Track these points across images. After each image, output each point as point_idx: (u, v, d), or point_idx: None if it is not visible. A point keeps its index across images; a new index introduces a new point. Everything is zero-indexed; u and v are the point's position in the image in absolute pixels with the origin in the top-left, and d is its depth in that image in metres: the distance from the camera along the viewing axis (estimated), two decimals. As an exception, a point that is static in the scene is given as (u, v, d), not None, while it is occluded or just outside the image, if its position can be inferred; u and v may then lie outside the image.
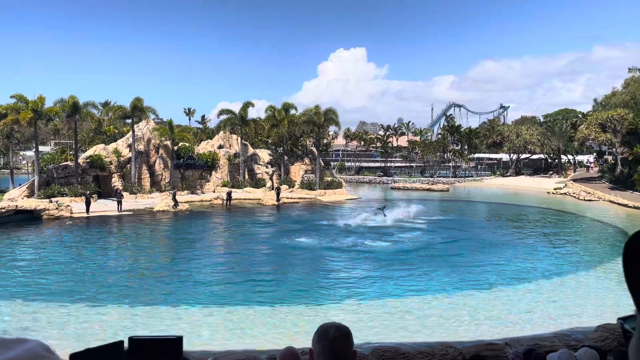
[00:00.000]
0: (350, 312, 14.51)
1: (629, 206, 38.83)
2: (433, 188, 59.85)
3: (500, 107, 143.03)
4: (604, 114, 56.26)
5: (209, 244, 25.79)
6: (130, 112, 44.55)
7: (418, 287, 17.17)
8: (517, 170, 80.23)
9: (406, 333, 12.65)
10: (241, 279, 18.25)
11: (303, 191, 48.94)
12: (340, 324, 2.10)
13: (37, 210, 31.77)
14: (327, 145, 76.39)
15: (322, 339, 2.02)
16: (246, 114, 52.46)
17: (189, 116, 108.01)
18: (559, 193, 52.01)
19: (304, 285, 17.44)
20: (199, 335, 12.42)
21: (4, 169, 66.32)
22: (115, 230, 29.79)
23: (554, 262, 21.34)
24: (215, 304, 15.09)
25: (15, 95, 39.45)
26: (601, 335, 7.24)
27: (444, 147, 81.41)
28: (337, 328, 2.06)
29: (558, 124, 73.98)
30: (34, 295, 15.79)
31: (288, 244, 25.06)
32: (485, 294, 16.32)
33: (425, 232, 28.88)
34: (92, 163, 42.91)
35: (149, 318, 13.73)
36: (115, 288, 16.85)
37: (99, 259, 21.67)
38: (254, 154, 54.00)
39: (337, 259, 21.98)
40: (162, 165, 47.48)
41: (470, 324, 13.40)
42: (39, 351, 0.95)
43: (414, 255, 22.27)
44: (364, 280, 18.28)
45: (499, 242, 26.04)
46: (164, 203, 37.54)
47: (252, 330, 12.90)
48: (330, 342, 2.00)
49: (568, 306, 15.16)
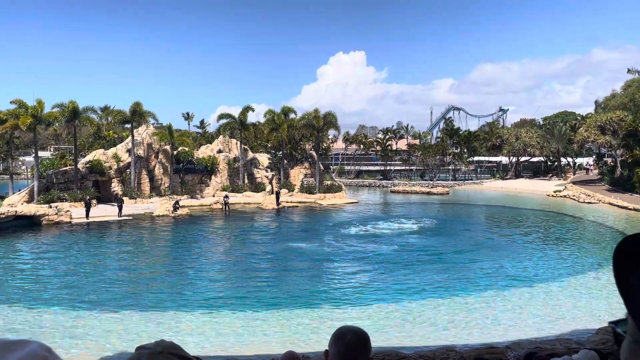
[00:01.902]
0: (349, 316, 14.47)
1: (629, 208, 38.81)
2: (433, 191, 59.82)
3: (499, 109, 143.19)
4: (603, 117, 56.32)
5: (208, 249, 25.75)
6: (130, 116, 44.57)
7: (417, 290, 17.14)
8: (517, 173, 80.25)
9: (406, 337, 12.62)
10: (241, 284, 18.21)
11: (303, 195, 48.91)
12: (358, 328, 2.03)
13: (36, 216, 31.73)
14: (327, 149, 76.32)
15: (338, 342, 1.97)
16: (245, 118, 52.51)
17: (187, 121, 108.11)
18: (559, 196, 52.01)
19: (304, 289, 17.40)
20: (199, 340, 12.38)
21: (4, 174, 66.29)
22: (115, 236, 29.74)
23: (555, 265, 21.32)
24: (215, 308, 15.05)
25: (15, 100, 39.53)
26: (602, 338, 7.23)
27: (443, 150, 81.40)
28: (354, 332, 1.99)
29: (557, 127, 74.02)
30: (31, 300, 15.75)
31: (288, 248, 25.01)
32: (485, 296, 16.29)
33: (425, 236, 28.87)
34: (91, 168, 42.90)
35: (150, 323, 13.68)
36: (114, 294, 16.81)
37: (98, 264, 21.62)
38: (254, 158, 54.01)
39: (336, 263, 21.95)
40: (162, 170, 47.47)
41: (471, 327, 13.37)
42: (41, 352, 0.95)
43: (413, 259, 22.25)
44: (364, 284, 18.25)
45: (499, 245, 26.02)
46: (164, 208, 37.49)
47: (252, 335, 12.87)
48: (346, 347, 1.94)
49: (569, 309, 15.13)
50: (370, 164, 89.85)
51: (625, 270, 1.02)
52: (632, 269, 1.02)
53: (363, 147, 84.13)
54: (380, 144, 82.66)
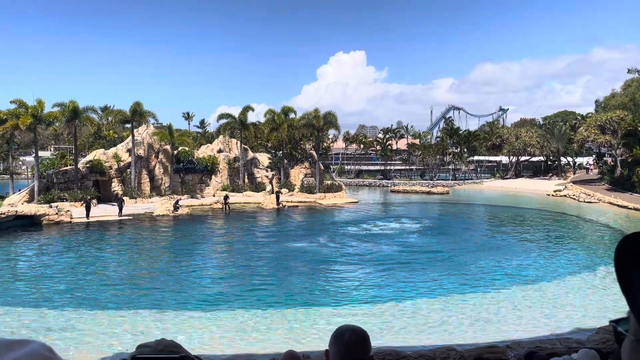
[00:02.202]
0: (349, 315, 14.48)
1: (629, 208, 38.81)
2: (433, 191, 59.83)
3: (499, 109, 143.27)
4: (603, 116, 56.33)
5: (208, 248, 25.76)
6: (130, 116, 44.58)
7: (418, 289, 17.15)
8: (517, 172, 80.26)
9: (407, 336, 12.62)
10: (242, 283, 18.22)
11: (303, 195, 48.92)
12: (357, 327, 2.04)
13: (37, 216, 31.74)
14: (327, 148, 76.31)
15: (337, 341, 1.98)
16: (246, 118, 52.50)
17: (188, 120, 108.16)
18: (559, 195, 52.01)
19: (304, 288, 17.41)
20: (200, 339, 12.39)
21: (4, 174, 66.29)
22: (115, 235, 29.74)
23: (555, 264, 21.33)
24: (216, 307, 15.07)
25: (15, 100, 39.53)
26: (603, 337, 7.23)
27: (443, 150, 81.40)
28: (353, 331, 2.01)
29: (557, 126, 74.03)
30: (31, 300, 15.76)
31: (288, 247, 25.03)
32: (486, 296, 16.29)
33: (424, 236, 28.88)
34: (91, 168, 42.91)
35: (151, 322, 13.69)
36: (114, 293, 16.81)
37: (98, 264, 21.63)
38: (254, 157, 54.02)
39: (336, 262, 21.96)
40: (162, 169, 47.48)
41: (471, 327, 13.37)
42: (42, 352, 0.95)
43: (413, 259, 22.26)
44: (364, 283, 18.26)
45: (499, 244, 26.02)
46: (164, 207, 37.51)
47: (253, 334, 12.87)
48: (345, 346, 1.96)
49: (569, 308, 15.14)
50: (371, 163, 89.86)
51: (627, 269, 1.03)
52: (634, 267, 1.02)
53: (363, 147, 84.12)
54: (380, 143, 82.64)
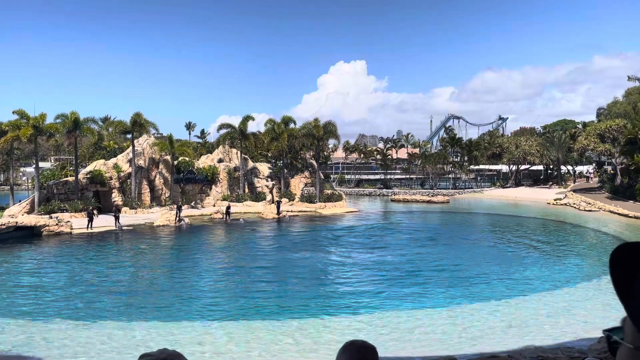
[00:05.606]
0: (350, 326, 14.42)
1: (630, 216, 38.75)
2: (433, 200, 59.80)
3: (498, 118, 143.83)
4: (603, 125, 56.44)
5: (209, 258, 25.68)
6: (131, 127, 44.69)
7: (419, 300, 17.10)
8: (517, 181, 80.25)
9: (408, 346, 12.56)
10: (242, 294, 18.17)
11: (303, 204, 48.88)
12: (366, 342, 2.03)
13: (37, 227, 31.71)
14: (327, 158, 76.38)
15: (346, 352, 1.98)
16: (246, 128, 52.62)
17: (189, 130, 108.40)
18: (559, 204, 51.95)
19: (305, 298, 17.35)
20: (200, 349, 12.33)
21: (4, 185, 66.30)
22: (115, 246, 29.68)
23: (556, 273, 21.26)
24: (217, 318, 15.01)
25: (17, 111, 39.64)
26: (604, 347, 7.21)
27: (444, 159, 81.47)
28: (360, 347, 2.00)
29: (557, 135, 74.16)
30: (31, 312, 15.70)
31: (289, 257, 24.98)
32: (487, 305, 16.23)
33: (425, 246, 28.82)
34: (92, 179, 42.94)
35: (151, 332, 13.63)
36: (115, 304, 16.76)
37: (99, 275, 21.56)
38: (254, 167, 54.07)
39: (337, 272, 21.91)
40: (162, 180, 47.51)
41: (473, 336, 13.31)
42: None
43: (414, 268, 22.20)
44: (365, 293, 18.20)
45: (500, 254, 25.97)
46: (164, 217, 37.48)
47: (254, 345, 12.81)
48: (357, 350, 1.96)
49: (571, 317, 15.08)
50: (371, 172, 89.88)
51: (625, 277, 1.03)
52: (633, 275, 1.02)
53: (363, 156, 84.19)
54: (380, 152, 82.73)
